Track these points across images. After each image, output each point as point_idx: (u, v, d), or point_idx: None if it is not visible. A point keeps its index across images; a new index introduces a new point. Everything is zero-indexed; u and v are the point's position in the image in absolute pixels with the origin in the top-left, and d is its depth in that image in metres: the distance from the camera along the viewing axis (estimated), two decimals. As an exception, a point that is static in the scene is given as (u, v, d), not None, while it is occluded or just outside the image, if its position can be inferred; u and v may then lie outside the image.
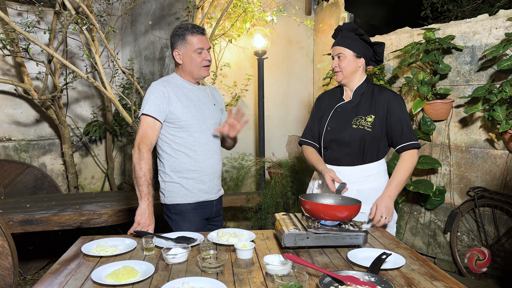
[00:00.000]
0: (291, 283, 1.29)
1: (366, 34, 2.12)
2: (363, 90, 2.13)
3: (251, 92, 4.21)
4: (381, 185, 2.09)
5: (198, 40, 2.05)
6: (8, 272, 2.36)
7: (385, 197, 2.01)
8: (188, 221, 2.07)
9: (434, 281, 1.39)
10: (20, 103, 4.20)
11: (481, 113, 3.19)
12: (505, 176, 3.09)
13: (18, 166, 3.80)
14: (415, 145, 2.05)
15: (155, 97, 2.00)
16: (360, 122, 2.07)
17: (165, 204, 2.12)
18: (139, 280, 1.37)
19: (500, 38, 3.07)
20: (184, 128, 2.05)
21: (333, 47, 2.15)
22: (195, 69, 2.07)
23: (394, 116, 2.05)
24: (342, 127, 2.10)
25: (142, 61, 4.84)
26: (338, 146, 2.10)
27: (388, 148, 2.15)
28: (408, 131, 2.05)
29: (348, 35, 2.11)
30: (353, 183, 2.04)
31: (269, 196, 3.60)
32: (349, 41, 2.09)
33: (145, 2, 4.08)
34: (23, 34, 2.98)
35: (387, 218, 1.98)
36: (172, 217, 2.10)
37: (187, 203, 2.08)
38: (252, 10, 3.77)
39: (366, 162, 2.08)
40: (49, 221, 2.79)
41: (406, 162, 2.04)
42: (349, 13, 4.23)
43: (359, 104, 2.11)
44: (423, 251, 3.61)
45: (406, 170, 2.03)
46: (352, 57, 2.09)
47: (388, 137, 2.09)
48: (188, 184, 2.08)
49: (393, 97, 2.09)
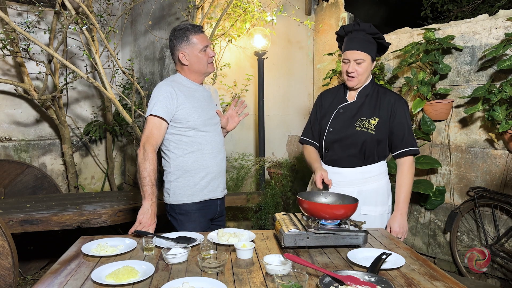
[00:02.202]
0: (291, 283, 1.29)
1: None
2: (368, 92, 2.09)
3: (251, 92, 4.21)
4: (381, 186, 2.08)
5: (202, 38, 2.07)
6: (8, 272, 2.36)
7: (397, 216, 2.02)
8: (193, 222, 2.08)
9: (434, 281, 1.39)
10: (20, 103, 4.20)
11: (481, 113, 3.19)
12: (505, 176, 3.09)
13: (18, 166, 3.80)
14: (413, 151, 2.03)
15: (163, 98, 1.99)
16: (363, 124, 2.03)
17: (170, 204, 2.12)
18: (139, 280, 1.38)
19: (500, 38, 3.07)
20: (192, 127, 2.05)
21: (348, 50, 2.00)
22: (203, 67, 2.10)
23: (396, 120, 2.02)
24: (345, 129, 2.06)
25: (142, 61, 4.84)
26: (339, 148, 2.08)
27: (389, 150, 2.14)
28: (409, 136, 2.03)
29: (366, 37, 1.99)
30: (353, 185, 2.04)
31: (269, 196, 3.60)
32: (367, 45, 1.99)
33: (145, 2, 4.08)
34: (23, 34, 2.98)
35: (401, 237, 2.01)
36: (177, 217, 2.10)
37: (193, 202, 2.08)
38: (252, 10, 3.76)
39: (367, 163, 2.06)
40: (49, 221, 2.79)
41: (407, 174, 2.03)
42: (349, 13, 4.23)
43: (363, 105, 2.07)
44: (423, 251, 3.61)
45: (409, 182, 2.03)
46: (370, 62, 2.02)
47: (389, 140, 2.07)
48: (195, 182, 2.08)
49: (398, 100, 2.05)
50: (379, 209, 2.07)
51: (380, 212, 2.08)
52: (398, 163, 2.08)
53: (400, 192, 2.03)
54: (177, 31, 2.07)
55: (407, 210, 2.06)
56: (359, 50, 1.98)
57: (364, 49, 1.98)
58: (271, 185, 3.66)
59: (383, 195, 2.09)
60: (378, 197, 2.06)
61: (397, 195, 2.04)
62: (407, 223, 2.06)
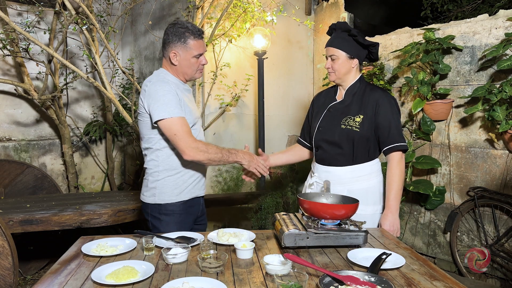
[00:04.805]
0: (291, 283, 1.29)
1: (367, 34, 2.12)
2: (355, 90, 2.11)
3: (251, 92, 4.21)
4: (372, 185, 2.07)
5: (199, 45, 2.01)
6: (8, 272, 2.36)
7: (388, 214, 2.01)
8: (178, 222, 2.05)
9: (434, 281, 1.39)
10: (20, 103, 4.20)
11: (481, 113, 3.19)
12: (505, 176, 3.09)
13: (18, 166, 3.80)
14: (401, 147, 2.01)
15: (171, 96, 1.94)
16: (348, 122, 2.05)
17: (153, 204, 2.06)
18: (139, 280, 1.38)
19: (500, 38, 3.07)
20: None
21: (326, 47, 2.12)
22: (191, 72, 2.06)
23: (381, 117, 2.02)
24: (332, 127, 2.09)
25: (142, 61, 4.84)
26: (328, 146, 2.10)
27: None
28: (395, 132, 2.01)
29: (341, 35, 2.07)
30: (343, 184, 2.04)
31: (269, 196, 3.60)
32: (342, 42, 2.05)
33: (145, 2, 4.08)
34: (23, 34, 2.98)
35: (394, 235, 1.99)
36: (161, 217, 2.05)
37: (180, 201, 2.06)
38: (252, 10, 3.76)
39: (357, 162, 2.06)
40: (49, 221, 2.78)
41: (395, 170, 2.01)
42: (349, 13, 4.23)
43: (350, 104, 2.10)
44: (423, 251, 3.61)
45: (398, 179, 2.01)
46: (345, 58, 2.06)
47: (375, 137, 2.06)
48: (184, 181, 2.07)
49: (383, 96, 2.05)
50: (370, 209, 2.05)
51: (371, 211, 2.06)
52: (387, 160, 2.07)
53: (390, 190, 2.01)
54: (176, 28, 2.00)
55: (399, 207, 2.04)
56: (331, 47, 2.09)
57: (337, 46, 2.06)
58: (271, 185, 3.66)
59: (375, 195, 2.08)
60: (369, 196, 2.05)
61: (387, 192, 2.03)
62: (408, 223, 2.05)
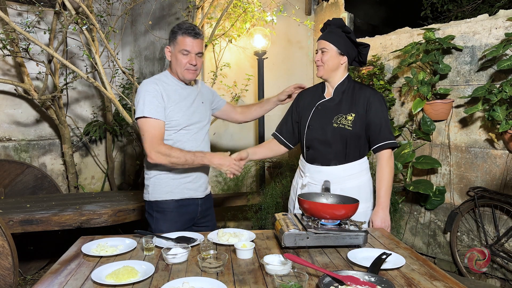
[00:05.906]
0: (291, 283, 1.29)
1: (367, 34, 2.12)
2: (344, 88, 2.12)
3: (251, 92, 4.21)
4: (363, 183, 2.10)
5: (187, 42, 2.02)
6: (8, 272, 2.36)
7: (379, 211, 2.04)
8: (169, 221, 2.06)
9: (434, 281, 1.39)
10: (20, 103, 4.20)
11: (481, 113, 3.19)
12: (505, 176, 3.09)
13: (18, 166, 3.80)
14: (391, 145, 2.04)
15: (151, 97, 1.99)
16: (340, 120, 2.06)
17: (148, 201, 2.12)
18: (139, 280, 1.38)
19: (500, 38, 3.07)
20: (173, 125, 2.05)
21: (318, 41, 2.14)
22: (179, 69, 2.06)
23: (372, 114, 2.04)
24: (323, 126, 2.09)
25: (142, 61, 4.84)
26: (320, 145, 2.10)
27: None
28: (386, 129, 2.04)
29: (335, 31, 2.09)
30: (337, 183, 2.05)
31: (269, 196, 3.60)
32: (334, 37, 2.07)
33: (145, 2, 4.08)
34: (23, 34, 2.98)
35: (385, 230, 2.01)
36: (154, 214, 2.09)
37: (171, 199, 2.07)
38: (252, 10, 3.77)
39: (349, 161, 2.07)
40: (49, 221, 2.79)
41: (386, 168, 2.04)
42: (349, 13, 4.23)
43: (340, 102, 2.10)
44: (423, 251, 3.61)
45: (388, 176, 2.04)
46: (335, 53, 2.07)
47: (366, 135, 2.08)
48: (175, 179, 2.07)
49: (373, 95, 2.07)
50: (362, 206, 2.05)
51: (363, 209, 2.07)
52: (377, 157, 2.09)
53: (381, 186, 2.04)
54: (174, 27, 2.08)
55: (389, 203, 2.06)
56: (323, 39, 2.09)
57: (328, 39, 2.07)
58: (271, 185, 3.66)
59: (366, 192, 2.10)
60: (361, 194, 2.06)
61: (378, 189, 2.05)
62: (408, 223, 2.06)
